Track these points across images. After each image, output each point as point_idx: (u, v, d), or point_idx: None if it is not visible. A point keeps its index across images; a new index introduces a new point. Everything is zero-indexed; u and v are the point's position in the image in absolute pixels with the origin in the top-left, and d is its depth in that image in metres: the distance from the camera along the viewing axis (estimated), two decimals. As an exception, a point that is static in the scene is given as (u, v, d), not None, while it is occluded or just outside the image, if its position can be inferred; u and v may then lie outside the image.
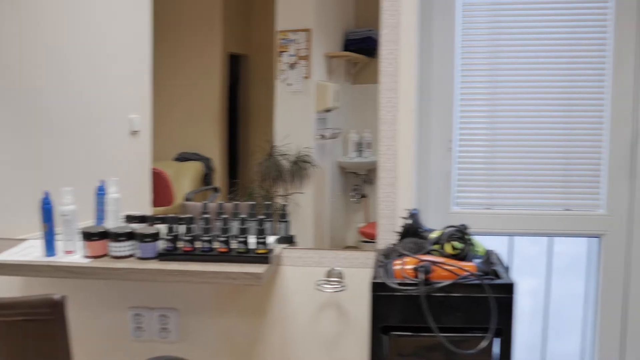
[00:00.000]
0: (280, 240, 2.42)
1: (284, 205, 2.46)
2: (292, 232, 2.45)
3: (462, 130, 2.60)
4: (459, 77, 2.58)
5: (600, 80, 2.55)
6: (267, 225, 2.31)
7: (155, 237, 2.21)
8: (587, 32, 2.54)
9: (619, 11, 2.51)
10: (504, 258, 2.10)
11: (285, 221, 2.42)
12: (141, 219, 2.33)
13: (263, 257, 2.17)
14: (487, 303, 1.81)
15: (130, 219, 2.33)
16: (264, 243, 2.19)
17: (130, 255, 2.23)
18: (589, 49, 2.54)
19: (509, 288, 1.81)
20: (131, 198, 2.44)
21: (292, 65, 2.51)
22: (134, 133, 2.56)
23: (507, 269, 1.96)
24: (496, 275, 1.87)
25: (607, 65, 2.54)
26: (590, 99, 2.56)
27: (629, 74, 2.53)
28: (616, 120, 2.55)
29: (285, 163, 2.54)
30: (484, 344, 1.80)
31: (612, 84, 2.54)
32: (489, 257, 1.98)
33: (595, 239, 2.65)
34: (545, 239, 2.73)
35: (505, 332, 1.83)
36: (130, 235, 2.22)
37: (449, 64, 2.57)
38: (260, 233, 2.19)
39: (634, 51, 2.52)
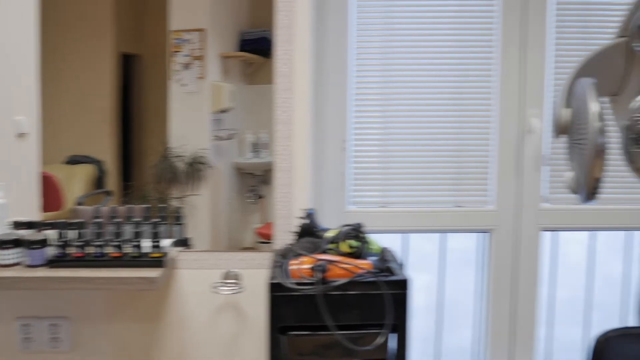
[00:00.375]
0: (176, 243, 2.38)
1: (180, 208, 2.42)
2: (188, 235, 2.42)
3: (356, 129, 2.63)
4: (353, 78, 2.61)
5: (487, 80, 2.64)
6: (162, 229, 2.27)
7: (43, 243, 2.13)
8: (474, 33, 2.62)
9: (505, 13, 2.60)
10: (399, 255, 2.14)
11: (181, 224, 2.39)
12: (29, 225, 2.24)
13: (158, 261, 2.13)
14: (382, 300, 1.84)
15: (17, 225, 2.24)
16: (158, 246, 2.15)
17: (17, 263, 2.14)
18: (477, 50, 2.62)
19: (403, 284, 1.85)
20: (18, 203, 2.35)
21: (186, 66, 2.48)
22: (21, 136, 2.46)
23: (401, 265, 2.00)
24: (391, 272, 1.90)
25: (493, 66, 2.63)
26: (478, 99, 2.64)
27: (514, 74, 2.63)
28: (503, 119, 2.64)
29: (180, 165, 2.50)
30: (380, 339, 1.83)
31: (499, 84, 2.63)
32: (384, 255, 2.02)
33: (486, 234, 2.74)
34: (438, 235, 2.80)
35: (400, 327, 1.86)
36: (17, 242, 2.13)
37: (343, 65, 2.60)
38: (155, 236, 2.15)
39: (519, 51, 2.62)
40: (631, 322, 2.88)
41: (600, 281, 2.92)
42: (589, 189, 1.48)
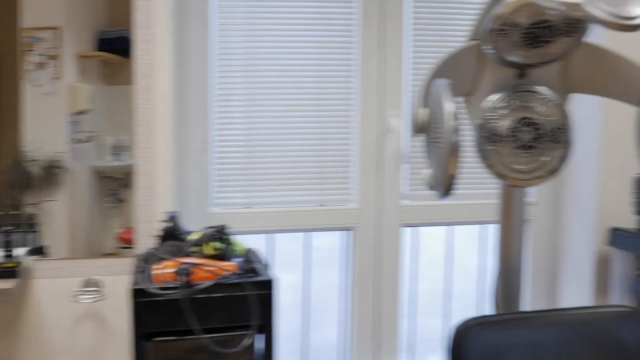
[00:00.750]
0: (31, 252, 2.27)
1: (34, 215, 2.32)
2: (45, 242, 2.32)
3: (219, 130, 2.61)
4: (215, 78, 2.59)
5: (348, 81, 2.69)
6: (15, 237, 2.16)
7: None
8: (335, 34, 2.66)
9: (364, 15, 2.66)
10: (264, 255, 2.15)
11: (36, 231, 2.28)
12: None
13: (10, 271, 2.03)
14: (248, 301, 1.83)
15: None
16: (11, 256, 2.05)
17: None
18: (337, 52, 2.67)
19: (268, 284, 1.86)
20: None
21: (40, 66, 2.37)
22: None
23: (267, 266, 2.00)
24: (256, 272, 1.91)
25: (354, 67, 2.68)
26: (339, 99, 2.68)
27: (374, 75, 2.69)
28: (364, 119, 2.70)
29: (35, 169, 2.40)
30: (247, 341, 1.83)
31: (359, 84, 2.68)
32: (249, 256, 2.02)
33: (349, 232, 2.79)
34: (302, 234, 2.82)
35: (267, 328, 1.87)
36: None
37: (205, 65, 2.56)
38: (7, 245, 2.05)
39: (377, 53, 2.68)
40: (487, 311, 3.02)
41: (458, 273, 3.05)
42: (445, 185, 1.54)
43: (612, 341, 1.83)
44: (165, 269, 1.86)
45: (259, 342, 1.86)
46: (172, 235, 2.13)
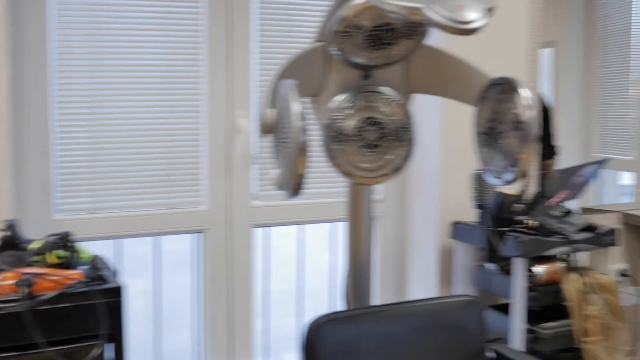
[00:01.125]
0: None
1: None
2: None
3: (61, 133, 2.49)
4: (55, 78, 2.47)
5: (195, 82, 2.66)
6: None
7: None
8: (181, 35, 2.62)
9: (210, 16, 2.64)
10: (113, 262, 2.08)
11: None
12: None
13: None
14: (96, 309, 1.78)
15: None
16: None
17: None
18: (184, 52, 2.63)
19: (117, 292, 1.82)
20: None
21: None
22: None
23: (115, 272, 1.95)
24: (104, 280, 1.86)
25: (201, 68, 2.66)
26: (187, 100, 2.65)
27: (221, 76, 2.68)
28: (212, 120, 2.68)
29: None
30: (96, 351, 1.78)
31: (207, 85, 2.66)
32: (95, 263, 1.96)
33: (200, 234, 2.76)
34: (153, 238, 2.76)
35: (117, 336, 1.83)
36: None
37: (44, 64, 2.44)
38: None
39: (225, 54, 2.67)
40: (339, 307, 3.09)
41: (310, 271, 3.10)
42: (294, 185, 1.55)
43: (456, 328, 1.93)
44: (4, 281, 1.78)
45: (109, 352, 1.83)
46: (11, 244, 2.03)
